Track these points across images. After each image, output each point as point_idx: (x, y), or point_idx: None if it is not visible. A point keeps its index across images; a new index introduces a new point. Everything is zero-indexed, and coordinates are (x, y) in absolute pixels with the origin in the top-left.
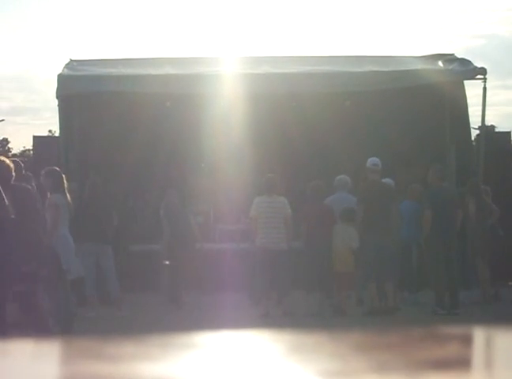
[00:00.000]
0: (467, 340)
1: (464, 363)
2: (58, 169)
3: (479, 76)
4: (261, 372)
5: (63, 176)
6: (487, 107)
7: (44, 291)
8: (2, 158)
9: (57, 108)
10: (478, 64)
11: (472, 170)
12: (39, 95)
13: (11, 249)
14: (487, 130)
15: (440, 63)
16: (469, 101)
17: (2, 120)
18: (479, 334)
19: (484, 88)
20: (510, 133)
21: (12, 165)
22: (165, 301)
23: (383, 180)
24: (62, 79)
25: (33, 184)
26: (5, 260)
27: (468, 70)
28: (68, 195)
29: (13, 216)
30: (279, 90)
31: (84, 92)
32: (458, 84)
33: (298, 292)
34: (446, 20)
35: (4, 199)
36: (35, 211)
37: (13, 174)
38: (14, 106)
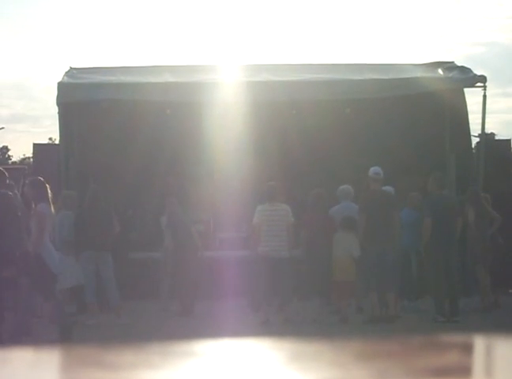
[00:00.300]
0: (467, 348)
1: (464, 371)
2: (41, 179)
3: (479, 84)
4: None
5: (47, 186)
6: (487, 115)
7: (30, 297)
8: None
9: (57, 116)
10: (478, 72)
11: (472, 178)
12: (39, 103)
13: None
14: (487, 138)
15: (440, 71)
16: (469, 109)
17: (2, 128)
18: (479, 342)
19: (484, 96)
20: (510, 140)
21: None
22: (170, 309)
23: (383, 188)
24: (61, 87)
25: (16, 191)
26: None
27: (468, 78)
28: (52, 205)
29: None
30: (279, 98)
31: (84, 100)
32: (458, 92)
33: (298, 299)
34: (446, 27)
35: None
36: (15, 217)
37: None
38: (14, 114)
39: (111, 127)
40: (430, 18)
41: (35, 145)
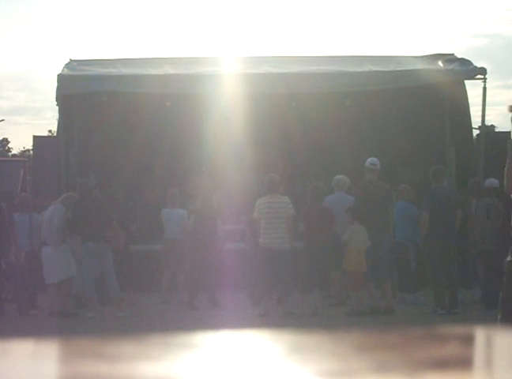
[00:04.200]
0: (467, 340)
1: (464, 363)
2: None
3: (479, 76)
4: (261, 372)
5: None
6: (489, 107)
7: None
8: None
9: (57, 108)
10: (480, 64)
11: (472, 170)
12: (40, 95)
13: None
14: (487, 130)
15: (440, 63)
16: (471, 101)
17: (2, 120)
18: (479, 334)
19: (484, 88)
20: (510, 132)
21: None
22: (169, 301)
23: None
24: (61, 79)
25: None
26: None
27: (468, 70)
28: None
29: None
30: (279, 90)
31: (84, 92)
32: (458, 84)
33: (298, 292)
34: (448, 19)
35: None
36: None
37: None
38: (15, 106)
39: (111, 119)
40: (432, 10)
41: (35, 137)
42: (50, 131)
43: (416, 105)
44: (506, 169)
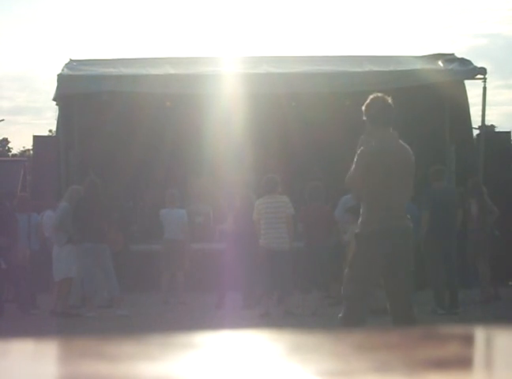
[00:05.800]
0: (467, 340)
1: (464, 363)
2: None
3: (479, 76)
4: (261, 372)
5: None
6: (489, 107)
7: None
8: None
9: (57, 108)
10: (481, 64)
11: (472, 169)
12: (40, 95)
13: None
14: (487, 130)
15: (440, 63)
16: (472, 101)
17: (2, 120)
18: (479, 334)
19: (484, 88)
20: (510, 132)
21: None
22: (169, 301)
23: None
24: (61, 79)
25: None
26: None
27: (468, 70)
28: None
29: None
30: (279, 90)
31: (84, 92)
32: (458, 84)
33: (298, 292)
34: (448, 19)
35: None
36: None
37: None
38: (16, 106)
39: (111, 119)
40: (433, 10)
41: (35, 137)
42: (50, 131)
43: (416, 105)
44: (350, 175)
